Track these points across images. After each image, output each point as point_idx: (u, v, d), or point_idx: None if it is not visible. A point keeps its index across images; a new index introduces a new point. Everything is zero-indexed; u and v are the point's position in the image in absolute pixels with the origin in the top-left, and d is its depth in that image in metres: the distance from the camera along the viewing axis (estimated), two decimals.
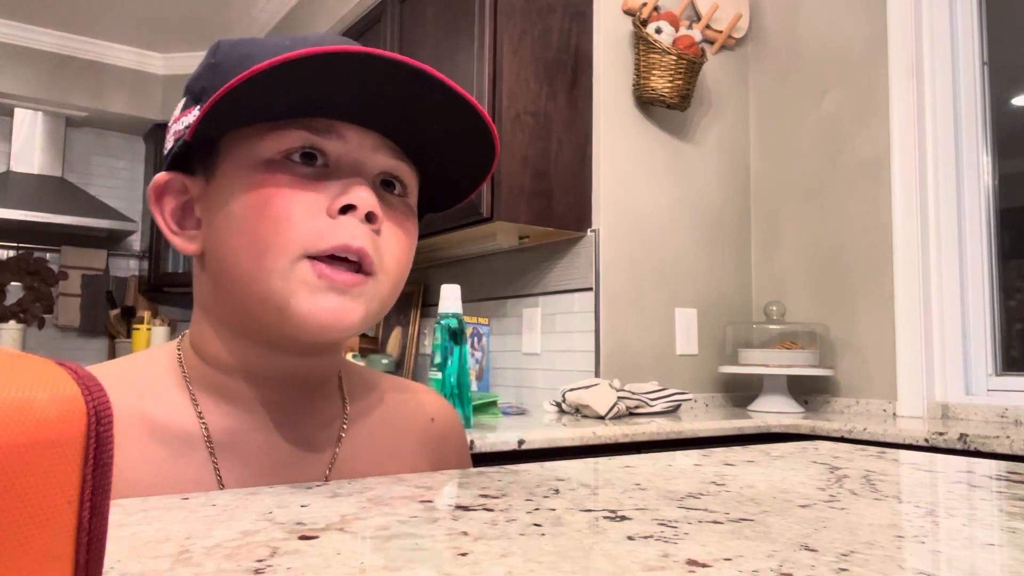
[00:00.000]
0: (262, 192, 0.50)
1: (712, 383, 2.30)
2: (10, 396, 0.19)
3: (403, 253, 0.55)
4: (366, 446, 0.61)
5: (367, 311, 0.52)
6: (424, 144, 0.55)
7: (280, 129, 0.51)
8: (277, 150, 0.51)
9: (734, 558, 0.33)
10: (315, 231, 0.49)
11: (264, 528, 0.37)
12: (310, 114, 0.51)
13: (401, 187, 0.56)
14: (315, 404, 0.58)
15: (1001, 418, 1.79)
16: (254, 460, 0.54)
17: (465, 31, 2.07)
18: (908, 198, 2.00)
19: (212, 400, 0.55)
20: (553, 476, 0.54)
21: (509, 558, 0.32)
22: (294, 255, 0.49)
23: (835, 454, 0.70)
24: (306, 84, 0.48)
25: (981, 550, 0.35)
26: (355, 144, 0.53)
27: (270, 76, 0.45)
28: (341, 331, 0.50)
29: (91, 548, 0.21)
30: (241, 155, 0.52)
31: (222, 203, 0.52)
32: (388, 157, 0.54)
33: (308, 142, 0.51)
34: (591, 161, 2.13)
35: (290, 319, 0.50)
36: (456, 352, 1.42)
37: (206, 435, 0.53)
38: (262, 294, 0.50)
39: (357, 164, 0.53)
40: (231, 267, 0.51)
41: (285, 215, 0.49)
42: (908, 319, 1.98)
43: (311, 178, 0.51)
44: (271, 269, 0.49)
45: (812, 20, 2.31)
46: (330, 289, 0.49)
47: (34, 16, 3.67)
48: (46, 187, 3.78)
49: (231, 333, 0.54)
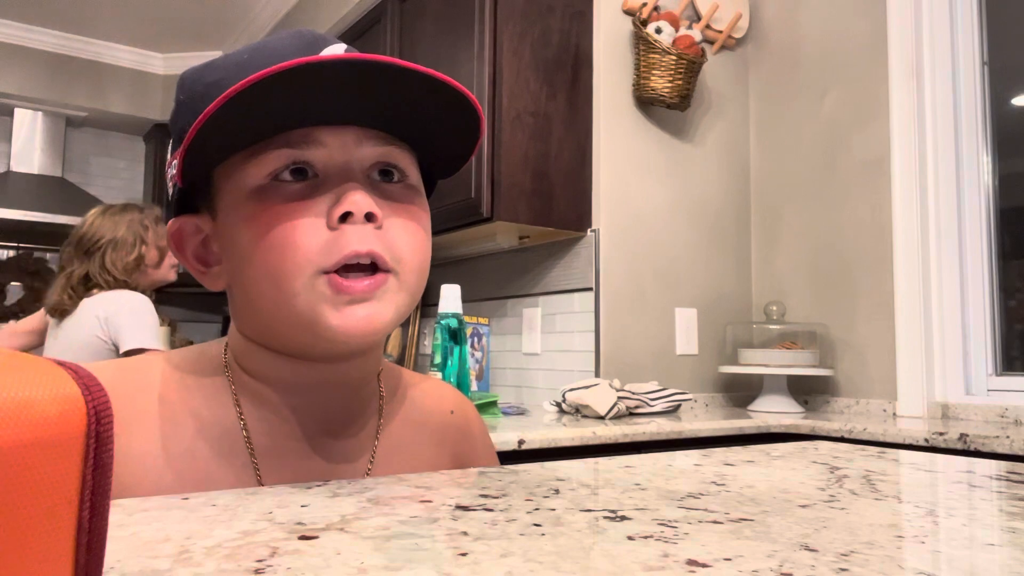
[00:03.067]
0: (260, 222, 0.50)
1: (712, 383, 2.30)
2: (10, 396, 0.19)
3: (416, 239, 0.54)
4: (399, 446, 0.61)
5: (396, 307, 0.52)
6: (409, 121, 0.54)
7: (261, 152, 0.51)
8: (263, 174, 0.51)
9: (734, 558, 0.33)
10: (321, 247, 0.49)
11: (264, 528, 0.37)
12: (287, 127, 0.51)
13: (399, 172, 0.55)
14: (352, 408, 0.58)
15: (1001, 418, 1.79)
16: (293, 465, 0.55)
17: (465, 31, 2.07)
18: (908, 198, 2.00)
19: (253, 405, 0.55)
20: (553, 476, 0.54)
21: (509, 558, 0.32)
22: (309, 274, 0.49)
23: (835, 454, 0.70)
24: (272, 101, 0.47)
25: (981, 550, 0.35)
26: (336, 145, 0.52)
27: (235, 104, 0.45)
28: (373, 335, 0.51)
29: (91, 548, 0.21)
30: (233, 187, 0.52)
31: (230, 238, 0.53)
32: (375, 146, 0.53)
33: (290, 159, 0.51)
34: (591, 161, 2.13)
35: (322, 335, 0.50)
36: (456, 352, 1.42)
37: (247, 437, 0.54)
38: (290, 317, 0.50)
39: (345, 165, 0.52)
40: (255, 296, 0.52)
41: (289, 240, 0.49)
42: (908, 319, 1.98)
43: (304, 193, 0.51)
44: (292, 292, 0.49)
45: (812, 20, 2.30)
46: (352, 301, 0.50)
47: (34, 16, 3.67)
48: (46, 187, 3.78)
49: (268, 351, 0.55)
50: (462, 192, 2.01)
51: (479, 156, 1.97)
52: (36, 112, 3.87)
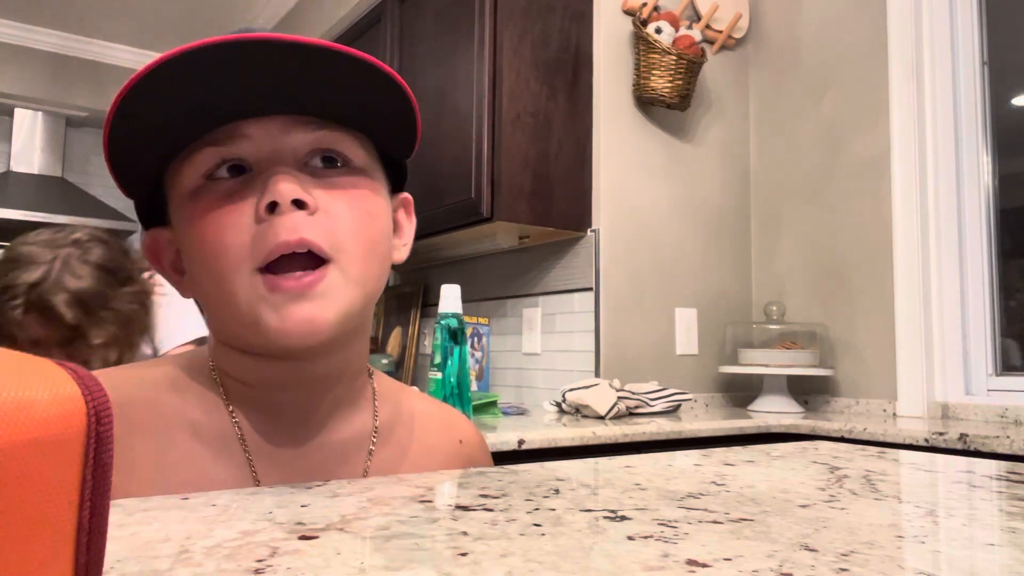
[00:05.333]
0: (196, 222, 0.49)
1: (712, 383, 2.30)
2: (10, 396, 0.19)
3: (358, 222, 0.50)
4: (396, 461, 0.60)
5: (341, 304, 0.49)
6: (341, 103, 0.50)
7: (193, 154, 0.49)
8: (198, 175, 0.50)
9: (734, 558, 0.33)
10: (251, 242, 0.47)
11: (264, 528, 0.37)
12: (211, 127, 0.49)
13: (341, 157, 0.52)
14: (342, 413, 0.57)
15: (1001, 418, 1.79)
16: (287, 465, 0.54)
17: (465, 31, 2.07)
18: (908, 198, 2.00)
19: (244, 407, 0.55)
20: (553, 476, 0.54)
21: (509, 558, 0.32)
22: (245, 272, 0.47)
23: (835, 454, 0.70)
24: (179, 98, 0.46)
25: (981, 550, 0.35)
26: (261, 136, 0.49)
27: (138, 110, 0.44)
28: (316, 336, 0.48)
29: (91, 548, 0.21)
30: (175, 194, 0.51)
31: (181, 244, 0.52)
32: (305, 133, 0.50)
33: (218, 156, 0.49)
34: (591, 161, 2.13)
35: (267, 336, 0.48)
36: (456, 352, 1.42)
37: (240, 437, 0.54)
38: (236, 318, 0.49)
39: (273, 156, 0.50)
40: (207, 300, 0.51)
41: (219, 238, 0.48)
42: (908, 319, 1.98)
43: (235, 189, 0.49)
44: (232, 292, 0.48)
45: (812, 20, 2.30)
46: (289, 299, 0.47)
47: (34, 16, 3.67)
48: (46, 187, 3.78)
49: (238, 352, 0.54)
50: (462, 192, 2.01)
51: (479, 156, 1.97)
52: (36, 112, 3.87)
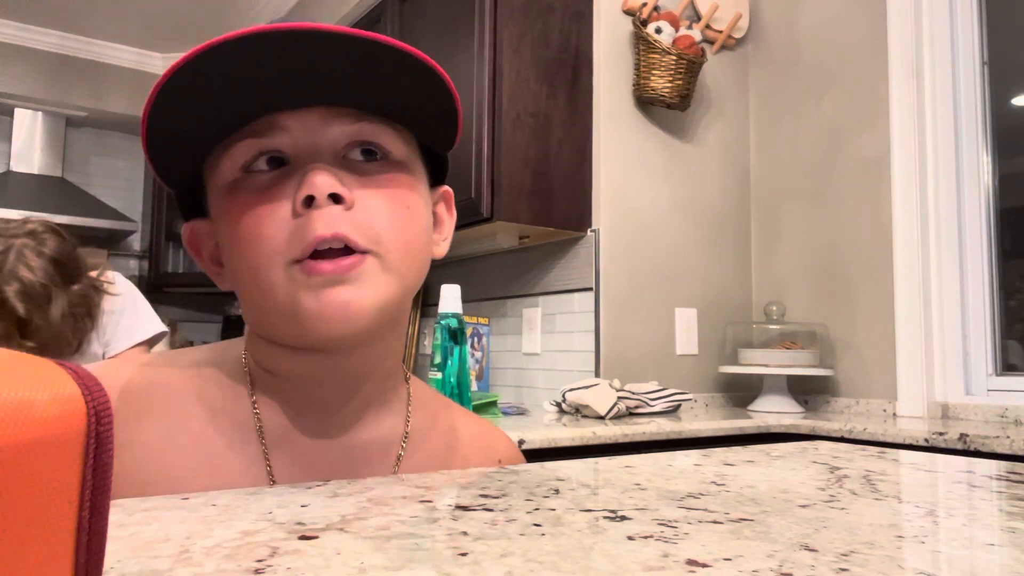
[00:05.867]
0: (233, 215, 0.49)
1: (712, 383, 2.30)
2: (10, 396, 0.19)
3: (397, 216, 0.50)
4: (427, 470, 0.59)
5: (379, 291, 0.49)
6: (381, 95, 0.50)
7: (231, 146, 0.49)
8: (235, 167, 0.49)
9: (734, 558, 0.33)
10: (287, 237, 0.47)
11: (264, 528, 0.37)
12: (251, 118, 0.49)
13: (380, 149, 0.51)
14: (371, 414, 0.56)
15: (1001, 418, 1.79)
16: (307, 461, 0.54)
17: (465, 31, 2.07)
18: (908, 198, 2.00)
19: (270, 399, 0.54)
20: (553, 476, 0.54)
21: (509, 558, 0.32)
22: (282, 265, 0.48)
23: (835, 454, 0.70)
24: (218, 89, 0.45)
25: (981, 550, 0.35)
26: (299, 128, 0.49)
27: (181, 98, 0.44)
28: (354, 321, 0.48)
29: (91, 548, 0.21)
30: (213, 185, 0.51)
31: (219, 236, 0.52)
32: (344, 124, 0.50)
33: (256, 149, 0.49)
34: (591, 161, 2.13)
35: (304, 324, 0.48)
36: (456, 352, 1.42)
37: (259, 429, 0.53)
38: (274, 309, 0.49)
39: (311, 148, 0.49)
40: (244, 293, 0.51)
41: (257, 233, 0.48)
42: (908, 319, 1.97)
43: (273, 182, 0.49)
44: (270, 283, 0.48)
45: (812, 20, 2.30)
46: (328, 283, 0.47)
47: (34, 16, 3.67)
48: (46, 187, 3.78)
49: (274, 344, 0.53)
50: (462, 192, 2.01)
51: (479, 156, 1.97)
52: (36, 112, 3.86)
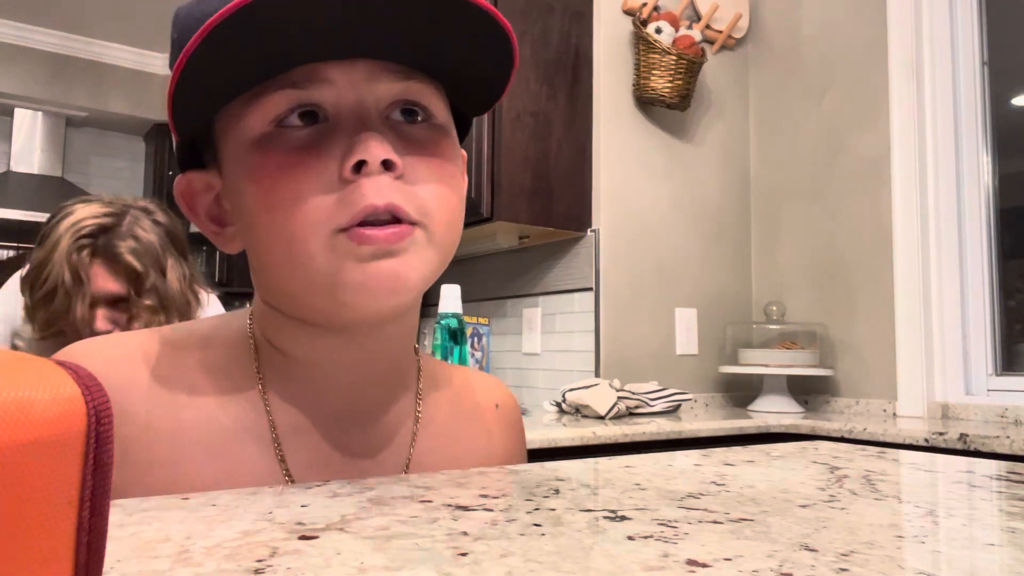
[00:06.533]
0: (265, 178, 0.45)
1: (712, 383, 2.30)
2: (10, 396, 0.19)
3: (443, 189, 0.47)
4: (442, 442, 0.58)
5: (425, 264, 0.46)
6: (430, 51, 0.46)
7: (262, 95, 0.45)
8: (266, 120, 0.45)
9: (734, 558, 0.33)
10: (333, 203, 0.43)
11: (264, 528, 0.37)
12: (288, 65, 0.44)
13: (423, 111, 0.48)
14: (385, 394, 0.54)
15: (1001, 418, 1.79)
16: (322, 447, 0.52)
17: None
18: (908, 198, 2.00)
19: (280, 383, 0.51)
20: (553, 476, 0.54)
21: (509, 558, 0.32)
22: (325, 234, 0.44)
23: (835, 454, 0.70)
24: (266, 32, 0.41)
25: (981, 550, 0.35)
26: (346, 82, 0.45)
27: (222, 39, 0.39)
28: (401, 294, 0.45)
29: (91, 548, 0.21)
30: (234, 137, 0.46)
31: (237, 196, 0.47)
32: (391, 82, 0.46)
33: (294, 101, 0.45)
34: (591, 161, 2.13)
35: (344, 297, 0.44)
36: (456, 352, 1.42)
37: (270, 420, 0.51)
38: (308, 281, 0.45)
39: (358, 105, 0.45)
40: (268, 261, 0.47)
41: (298, 197, 0.44)
42: (908, 319, 1.98)
43: (313, 140, 0.45)
44: (307, 254, 0.44)
45: (812, 20, 2.30)
46: (378, 253, 0.44)
47: (34, 16, 3.67)
48: (46, 187, 3.78)
49: (292, 320, 0.50)
50: None
51: (479, 156, 1.97)
52: (36, 112, 3.86)
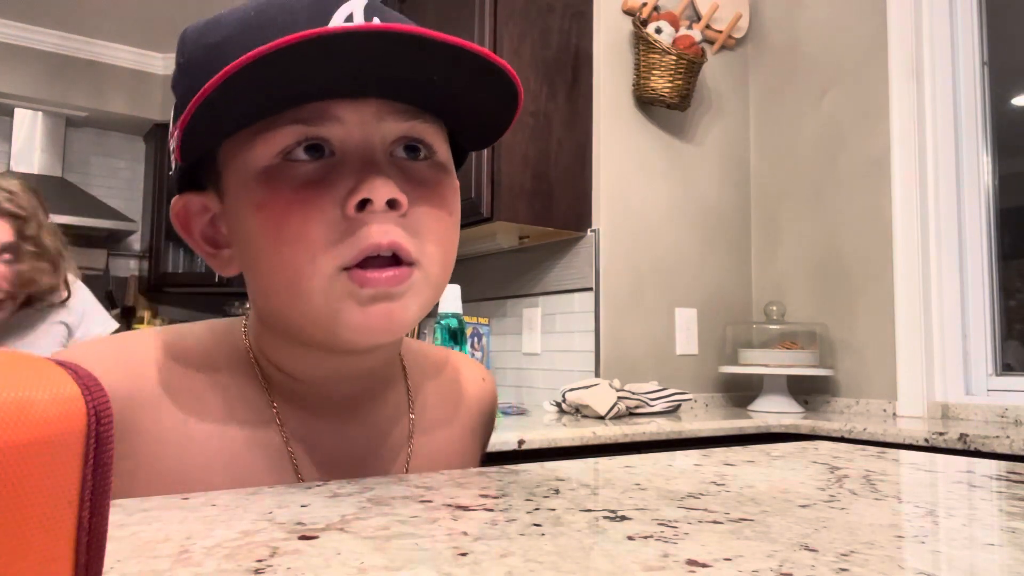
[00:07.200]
0: (271, 210, 0.45)
1: (712, 383, 2.30)
2: (10, 396, 0.19)
3: (442, 227, 0.49)
4: (436, 426, 0.60)
5: (420, 304, 0.48)
6: (436, 92, 0.48)
7: (271, 128, 0.46)
8: (273, 153, 0.46)
9: (734, 558, 0.33)
10: (339, 239, 0.45)
11: (264, 528, 0.37)
12: (298, 101, 0.46)
13: (426, 148, 0.49)
14: (379, 395, 0.57)
15: (1001, 418, 1.79)
16: (329, 453, 0.53)
17: (465, 31, 2.07)
18: (908, 198, 2.00)
19: (284, 395, 0.53)
20: (553, 476, 0.54)
21: (509, 558, 0.32)
22: (328, 271, 0.45)
23: (835, 454, 0.70)
24: (280, 72, 0.42)
25: (981, 550, 0.35)
26: (355, 121, 0.47)
27: (237, 77, 0.41)
28: (395, 335, 0.47)
29: (91, 548, 0.21)
30: (239, 167, 0.47)
31: (239, 223, 0.48)
32: (398, 121, 0.48)
33: (302, 135, 0.46)
34: (591, 161, 2.13)
35: (340, 335, 0.46)
36: None
37: (280, 425, 0.52)
38: (307, 316, 0.47)
39: (364, 143, 0.47)
40: (268, 289, 0.48)
41: (303, 233, 0.45)
42: (908, 319, 1.97)
43: (318, 176, 0.46)
44: (310, 290, 0.45)
45: (812, 20, 2.30)
46: (377, 296, 0.45)
47: (34, 16, 3.67)
48: (46, 187, 3.77)
49: (287, 341, 0.52)
50: (462, 192, 2.00)
51: (479, 156, 1.97)
52: (36, 112, 3.86)
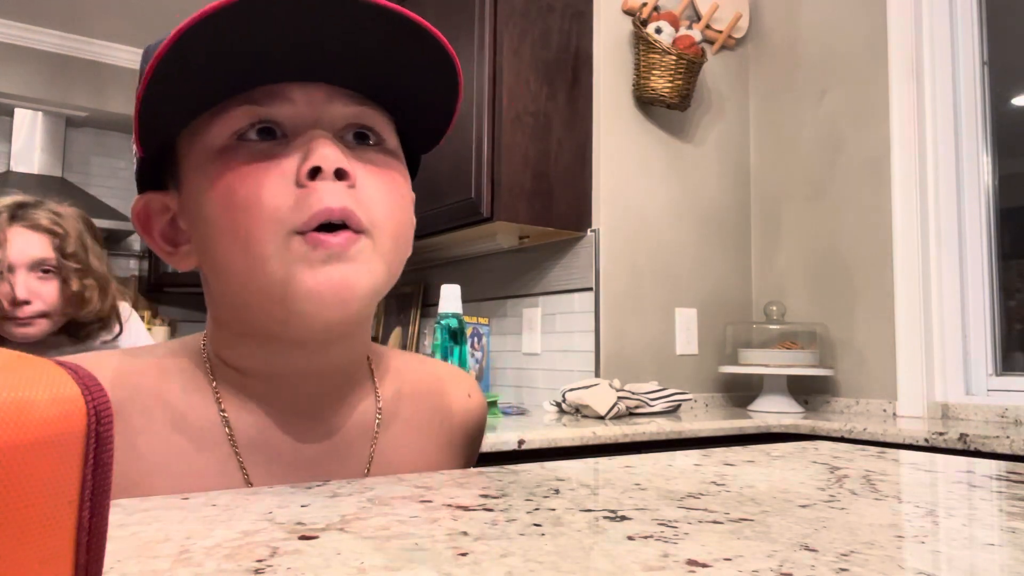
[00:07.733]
0: (224, 181, 0.47)
1: (712, 383, 2.30)
2: (10, 396, 0.19)
3: (392, 203, 0.50)
4: (405, 437, 0.59)
5: (372, 274, 0.48)
6: (386, 83, 0.50)
7: (225, 111, 0.48)
8: (227, 133, 0.48)
9: (734, 558, 0.33)
10: (291, 204, 0.46)
11: (264, 528, 0.37)
12: (249, 85, 0.47)
13: (374, 135, 0.51)
14: (344, 399, 0.55)
15: (1001, 418, 1.79)
16: (283, 458, 0.53)
17: (465, 31, 2.07)
18: (908, 198, 2.00)
19: (237, 398, 0.53)
20: (553, 476, 0.54)
21: (509, 558, 0.32)
22: (281, 235, 0.46)
23: (835, 454, 0.70)
24: (226, 50, 0.44)
25: (981, 550, 0.35)
26: (304, 101, 0.48)
27: (183, 58, 0.42)
28: (349, 303, 0.47)
29: (91, 548, 0.21)
30: (197, 152, 0.49)
31: (196, 207, 0.49)
32: (346, 105, 0.50)
33: (254, 116, 0.48)
34: (591, 161, 2.13)
35: (295, 303, 0.46)
36: (456, 352, 1.42)
37: (228, 431, 0.52)
38: (261, 285, 0.47)
39: (313, 124, 0.48)
40: (224, 268, 0.48)
41: (255, 198, 0.46)
42: (908, 319, 1.98)
43: (272, 151, 0.47)
44: (263, 256, 0.46)
45: (812, 20, 2.30)
46: (330, 258, 0.46)
47: (34, 16, 3.67)
48: (46, 187, 3.78)
49: (244, 337, 0.52)
50: (462, 192, 2.01)
51: (479, 156, 1.97)
52: (36, 112, 3.86)
